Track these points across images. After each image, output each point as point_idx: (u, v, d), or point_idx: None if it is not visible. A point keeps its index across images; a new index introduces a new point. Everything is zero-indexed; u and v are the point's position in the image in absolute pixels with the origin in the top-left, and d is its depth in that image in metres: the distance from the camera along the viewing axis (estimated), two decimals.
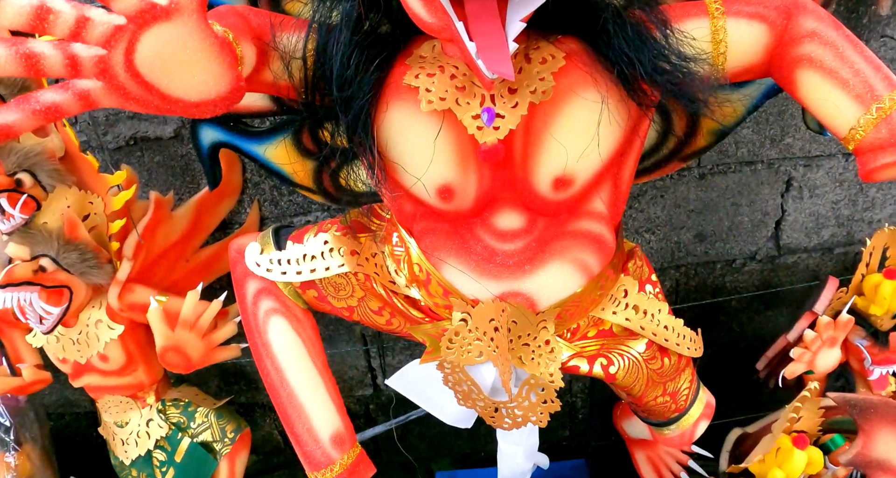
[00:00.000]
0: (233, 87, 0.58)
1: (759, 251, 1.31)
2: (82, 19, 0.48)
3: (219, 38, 0.55)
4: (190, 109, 0.56)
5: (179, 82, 0.54)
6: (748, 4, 0.70)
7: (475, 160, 0.68)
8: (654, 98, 0.68)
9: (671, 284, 1.32)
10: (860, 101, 0.67)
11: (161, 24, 0.51)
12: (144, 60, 0.51)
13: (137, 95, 0.53)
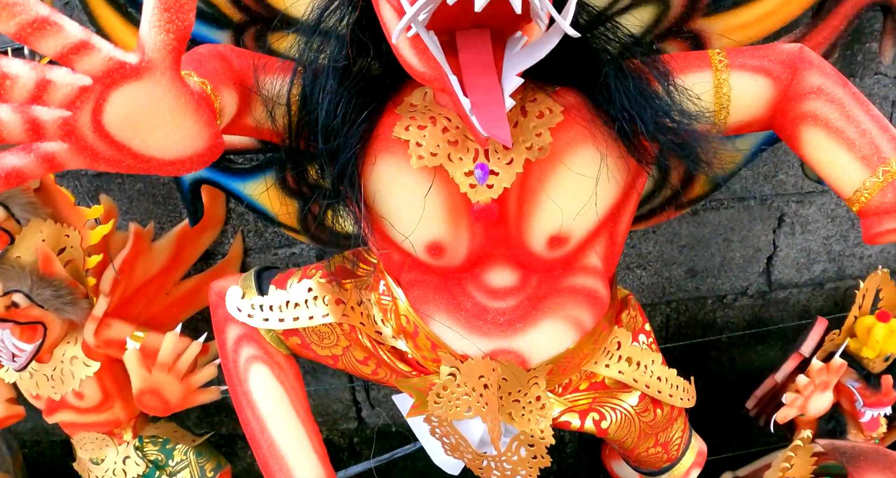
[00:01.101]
0: (210, 144, 0.53)
1: (750, 287, 1.28)
2: (43, 82, 0.43)
3: (195, 94, 0.51)
4: (164, 168, 0.52)
5: (153, 141, 0.49)
6: (752, 57, 0.67)
7: (467, 218, 0.64)
8: (653, 154, 0.64)
9: (661, 320, 1.29)
10: (866, 162, 0.64)
11: (131, 83, 0.46)
12: (114, 120, 0.47)
13: (107, 156, 0.48)
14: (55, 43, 0.41)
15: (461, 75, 0.55)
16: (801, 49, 0.68)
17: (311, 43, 0.65)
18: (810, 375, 1.02)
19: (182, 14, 0.45)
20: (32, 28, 0.40)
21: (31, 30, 0.40)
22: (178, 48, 0.46)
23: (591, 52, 0.62)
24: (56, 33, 0.41)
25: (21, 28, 0.40)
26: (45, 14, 0.41)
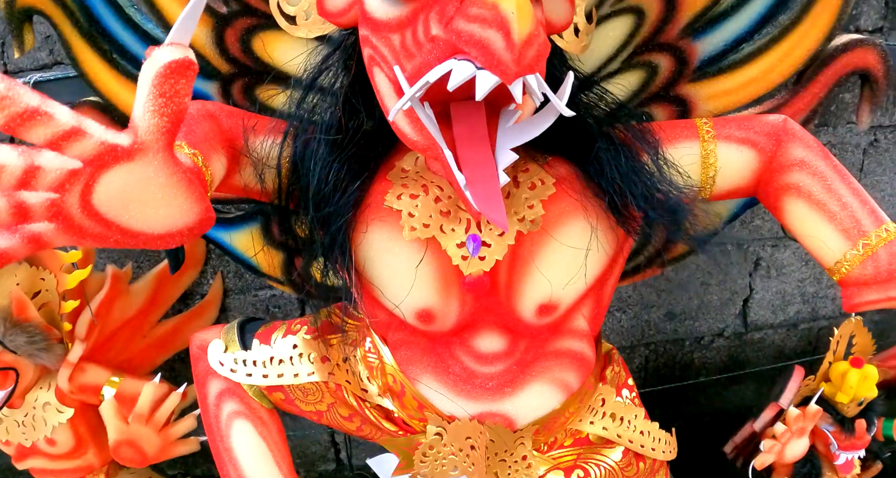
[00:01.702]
0: (201, 218, 0.52)
1: (727, 328, 1.30)
2: (31, 169, 0.41)
3: (187, 170, 0.50)
4: (153, 242, 0.50)
5: (142, 218, 0.48)
6: (739, 129, 0.68)
7: (458, 287, 0.64)
8: (639, 222, 0.65)
9: (640, 362, 1.30)
10: (847, 235, 0.66)
11: (123, 164, 0.45)
12: (103, 200, 0.45)
13: (95, 233, 0.47)
14: (45, 132, 0.40)
15: (455, 148, 0.56)
16: (784, 121, 0.69)
17: (302, 105, 0.65)
18: (787, 423, 1.04)
19: (178, 98, 0.44)
20: (22, 119, 0.39)
21: (21, 121, 0.39)
22: (173, 130, 0.45)
23: (583, 124, 0.63)
24: (47, 123, 0.40)
25: (10, 120, 0.38)
26: (36, 104, 0.39)
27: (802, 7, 0.75)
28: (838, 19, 0.76)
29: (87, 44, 0.78)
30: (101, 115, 0.82)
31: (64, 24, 0.77)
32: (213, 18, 0.73)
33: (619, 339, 1.25)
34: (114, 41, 0.77)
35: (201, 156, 0.56)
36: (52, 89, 0.86)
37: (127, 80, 0.79)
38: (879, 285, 0.65)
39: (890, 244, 0.65)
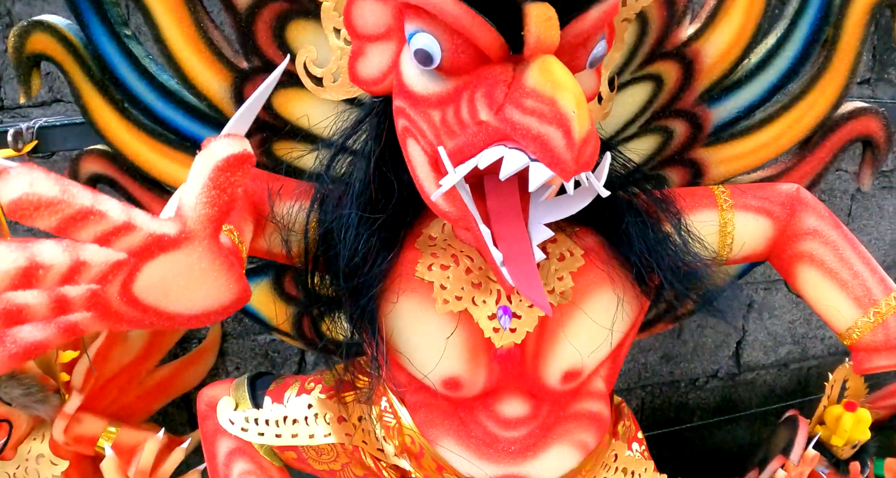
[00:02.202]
0: (238, 297, 0.52)
1: (720, 369, 1.33)
2: (76, 265, 0.40)
3: (228, 254, 0.49)
4: (189, 322, 0.50)
5: (181, 301, 0.48)
6: (755, 198, 0.71)
7: (486, 356, 0.65)
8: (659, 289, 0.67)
9: (637, 404, 1.32)
10: (858, 303, 0.68)
11: (168, 253, 0.45)
12: (144, 288, 0.45)
13: (132, 317, 0.46)
14: (95, 230, 0.40)
15: (489, 221, 0.57)
16: (798, 190, 0.72)
17: (330, 171, 0.65)
18: (788, 470, 1.06)
19: (232, 190, 0.44)
20: (75, 221, 0.38)
21: (74, 222, 0.38)
22: (222, 219, 0.45)
23: (612, 196, 0.64)
24: (98, 221, 0.39)
25: (63, 223, 0.38)
26: (90, 204, 0.38)
27: (811, 78, 0.78)
28: (844, 90, 0.79)
29: (98, 92, 0.76)
30: (110, 163, 0.81)
31: (75, 72, 0.76)
32: (233, 73, 0.73)
33: (616, 382, 1.27)
34: (126, 91, 0.76)
35: (237, 232, 0.55)
36: (57, 135, 0.85)
37: (138, 130, 0.78)
38: (890, 352, 0.68)
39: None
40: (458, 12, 0.47)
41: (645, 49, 0.74)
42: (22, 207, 0.33)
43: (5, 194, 0.33)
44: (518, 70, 0.49)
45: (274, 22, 0.69)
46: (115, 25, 0.73)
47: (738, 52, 0.76)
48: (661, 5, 0.72)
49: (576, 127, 0.43)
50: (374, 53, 0.58)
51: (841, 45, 0.77)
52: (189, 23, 0.71)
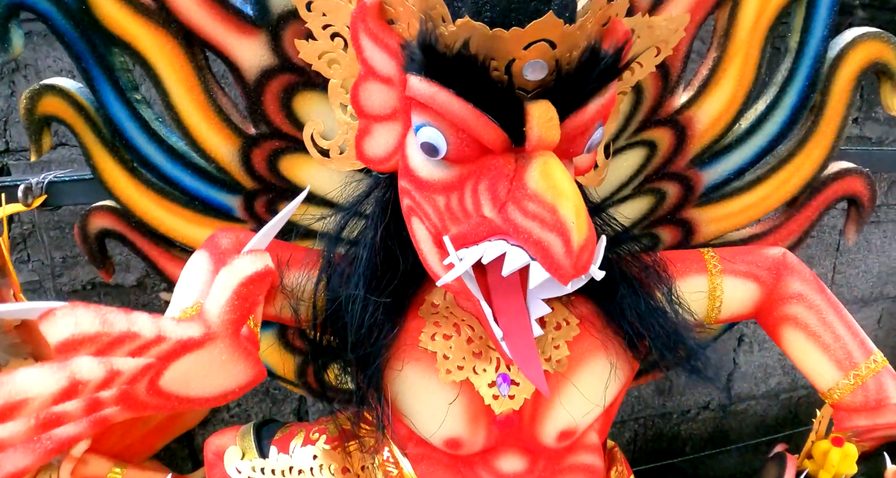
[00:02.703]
0: (255, 378, 0.56)
1: (712, 401, 1.38)
2: (111, 377, 0.44)
3: (245, 344, 0.53)
4: (208, 404, 0.54)
5: (202, 388, 0.52)
6: (743, 263, 0.75)
7: (486, 419, 0.68)
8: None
9: (630, 436, 1.36)
10: (839, 366, 0.72)
11: (192, 353, 0.49)
12: (168, 381, 0.49)
13: (155, 405, 0.51)
14: (131, 347, 0.43)
15: (489, 296, 0.60)
16: (784, 255, 0.76)
17: (337, 244, 0.69)
18: None
19: (254, 299, 0.48)
20: (113, 346, 0.42)
21: (112, 347, 0.42)
22: (243, 322, 0.49)
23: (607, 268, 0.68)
24: (133, 341, 0.43)
25: (104, 349, 0.42)
26: (126, 328, 0.42)
27: (799, 141, 0.82)
28: (831, 152, 0.83)
29: (108, 153, 0.79)
30: (118, 219, 0.84)
31: (85, 134, 0.79)
32: (241, 138, 0.76)
33: None
34: (136, 152, 0.79)
35: (253, 318, 0.59)
36: (65, 189, 0.88)
37: (147, 189, 0.81)
38: (868, 413, 0.72)
39: (877, 375, 0.72)
40: (463, 111, 0.51)
41: (640, 117, 0.77)
42: (70, 346, 0.37)
43: (53, 336, 0.37)
44: (520, 163, 0.52)
45: (282, 93, 0.72)
46: (125, 91, 0.76)
47: (730, 118, 0.79)
48: (656, 76, 0.76)
49: (575, 236, 0.47)
50: (381, 133, 0.61)
51: (828, 110, 0.81)
52: (198, 89, 0.74)
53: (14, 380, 0.38)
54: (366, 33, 0.57)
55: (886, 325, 1.45)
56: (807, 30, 0.78)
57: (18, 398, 0.38)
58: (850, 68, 0.80)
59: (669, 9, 0.72)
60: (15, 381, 0.38)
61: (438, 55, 0.50)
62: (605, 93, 0.54)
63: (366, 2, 0.57)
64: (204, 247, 0.67)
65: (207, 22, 0.69)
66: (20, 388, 0.38)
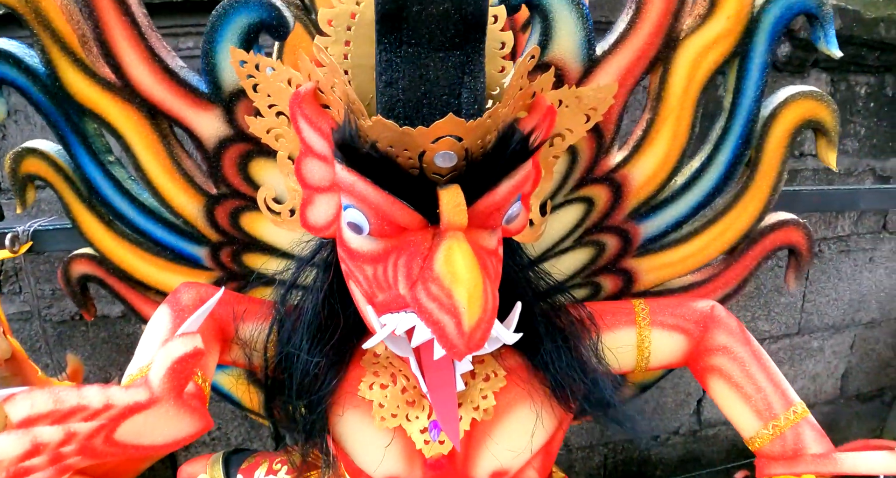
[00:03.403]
0: (201, 428, 0.63)
1: (682, 426, 1.43)
2: (69, 437, 0.51)
3: (190, 401, 0.60)
4: (159, 451, 0.61)
5: (153, 438, 0.58)
6: (671, 316, 0.80)
7: (421, 461, 0.75)
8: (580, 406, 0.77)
9: (600, 460, 1.42)
10: (760, 416, 0.78)
11: (141, 413, 0.56)
12: (122, 435, 0.56)
13: (112, 454, 0.58)
14: (83, 415, 0.51)
15: (419, 353, 0.67)
16: (713, 308, 0.82)
17: (286, 298, 0.76)
18: None
19: (188, 372, 0.55)
20: (66, 417, 0.50)
21: (65, 418, 0.50)
22: (182, 387, 0.56)
23: (534, 323, 0.74)
24: (84, 410, 0.51)
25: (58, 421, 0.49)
26: (75, 403, 0.50)
27: (735, 195, 0.88)
28: (767, 204, 0.88)
29: (85, 208, 0.87)
30: (97, 266, 0.92)
31: (65, 191, 0.87)
32: (205, 197, 0.84)
33: (579, 439, 1.37)
34: (111, 208, 0.86)
35: (201, 371, 0.66)
36: (49, 237, 0.96)
37: (122, 239, 0.89)
38: (786, 462, 0.77)
39: (795, 426, 0.77)
40: (378, 199, 0.57)
41: (576, 175, 0.83)
42: (28, 422, 0.45)
43: (15, 414, 0.45)
44: (435, 241, 0.59)
45: (238, 159, 0.80)
46: (98, 153, 0.83)
47: (665, 175, 0.85)
48: (591, 138, 0.81)
49: (465, 320, 0.53)
50: (321, 203, 0.68)
51: (762, 166, 0.86)
52: (164, 154, 0.81)
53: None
54: (302, 117, 0.64)
55: (859, 351, 1.49)
56: (739, 90, 0.83)
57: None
58: (783, 126, 0.85)
59: (599, 77, 0.78)
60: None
61: (355, 149, 0.57)
62: (516, 174, 0.60)
63: (300, 90, 0.64)
64: (167, 302, 0.75)
65: (167, 97, 0.76)
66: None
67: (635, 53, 0.77)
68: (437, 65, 0.56)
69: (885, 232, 1.46)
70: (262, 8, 0.70)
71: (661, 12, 0.76)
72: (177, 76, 0.76)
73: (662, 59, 0.79)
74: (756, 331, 1.38)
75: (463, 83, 0.57)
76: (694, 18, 0.78)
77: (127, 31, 0.74)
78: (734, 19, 0.78)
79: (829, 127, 0.86)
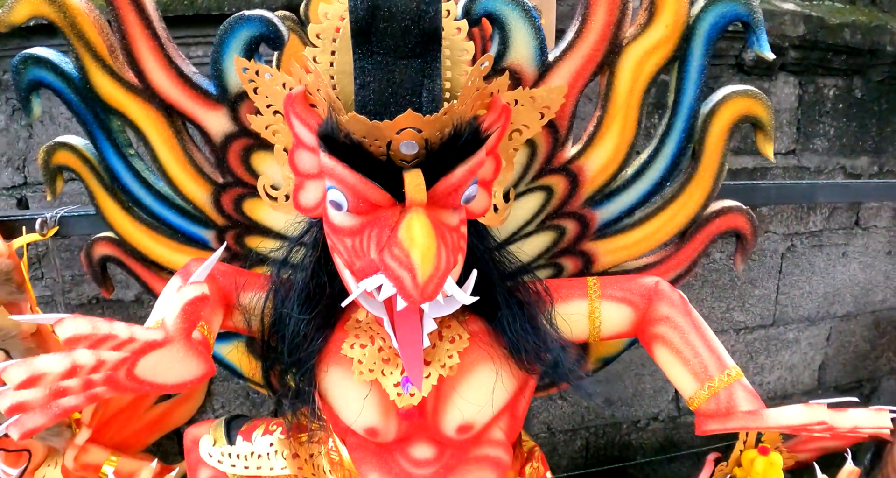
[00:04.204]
0: (205, 372, 0.79)
1: (661, 413, 1.57)
2: (99, 364, 0.68)
3: (198, 345, 0.77)
4: (171, 389, 0.78)
5: (165, 377, 0.75)
6: (620, 290, 0.96)
7: (395, 412, 0.91)
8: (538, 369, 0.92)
9: (582, 443, 1.56)
10: (697, 378, 0.93)
11: (156, 350, 0.72)
12: (141, 370, 0.72)
13: (133, 388, 0.74)
14: (112, 344, 0.68)
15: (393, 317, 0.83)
16: (657, 283, 0.97)
17: (281, 271, 0.93)
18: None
19: (197, 313, 0.72)
20: (100, 342, 0.66)
21: (99, 343, 0.66)
22: (191, 329, 0.73)
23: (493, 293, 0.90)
24: (113, 340, 0.67)
25: (93, 345, 0.66)
26: (107, 332, 0.67)
27: (681, 184, 1.03)
28: (711, 192, 1.04)
29: (108, 195, 1.05)
30: (117, 248, 1.09)
31: (90, 180, 1.05)
32: (212, 185, 1.01)
33: (561, 423, 1.52)
34: (131, 195, 1.04)
35: (207, 325, 0.83)
36: (74, 223, 1.14)
37: (140, 224, 1.06)
38: (720, 418, 0.92)
39: (729, 387, 0.92)
40: (354, 180, 0.73)
41: (535, 167, 1.00)
42: (72, 341, 0.62)
43: (62, 335, 0.62)
44: (401, 216, 0.75)
45: (242, 152, 0.97)
46: (121, 147, 1.01)
47: (616, 166, 1.01)
48: (547, 133, 0.98)
49: (419, 274, 0.69)
50: (310, 188, 0.85)
51: (705, 157, 1.02)
52: (177, 148, 0.99)
53: (36, 361, 0.63)
54: (294, 115, 0.81)
55: (836, 342, 1.62)
56: (680, 90, 0.99)
57: (38, 373, 0.62)
58: (722, 122, 1.00)
59: (552, 80, 0.94)
60: (36, 362, 0.63)
61: (335, 140, 0.73)
62: (470, 160, 0.76)
63: (292, 92, 0.81)
64: (178, 273, 0.92)
65: (182, 98, 0.94)
66: (39, 366, 0.62)
67: (583, 59, 0.94)
68: (401, 70, 0.72)
69: (857, 228, 1.60)
70: (261, 24, 0.88)
71: (604, 23, 0.93)
72: (190, 80, 0.93)
73: (608, 63, 0.95)
74: (731, 321, 1.52)
75: (423, 85, 0.74)
76: (635, 27, 0.94)
77: (149, 42, 0.91)
78: (672, 27, 0.94)
79: (764, 122, 1.01)
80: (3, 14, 0.92)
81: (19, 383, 0.63)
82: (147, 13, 0.90)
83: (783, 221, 1.46)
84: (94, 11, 0.92)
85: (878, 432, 0.91)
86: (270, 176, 0.94)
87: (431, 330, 0.82)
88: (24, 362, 0.64)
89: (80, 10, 0.91)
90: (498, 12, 0.90)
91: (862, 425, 0.90)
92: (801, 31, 1.39)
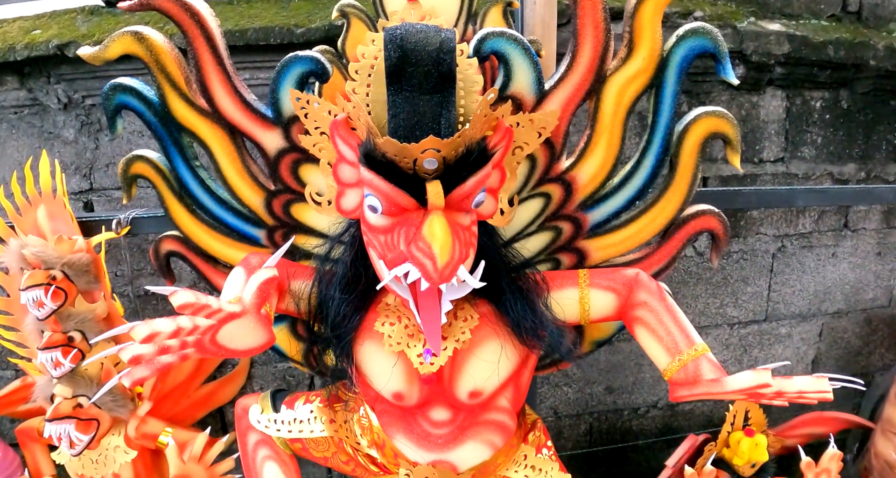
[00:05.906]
0: (268, 341, 1.10)
1: (660, 401, 1.85)
2: (194, 328, 0.99)
3: (264, 319, 1.08)
4: (242, 354, 1.08)
5: (238, 343, 1.05)
6: (606, 279, 1.25)
7: (418, 380, 1.21)
8: (538, 345, 1.22)
9: (586, 428, 1.85)
10: (669, 352, 1.21)
11: (235, 320, 1.03)
12: (221, 337, 1.02)
13: (213, 351, 1.05)
14: (206, 312, 0.98)
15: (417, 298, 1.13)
16: (637, 274, 1.26)
17: (325, 263, 1.24)
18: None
19: (270, 290, 1.03)
20: (198, 310, 0.97)
21: (198, 311, 0.97)
22: (262, 304, 1.04)
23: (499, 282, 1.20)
24: (207, 308, 0.98)
25: (194, 312, 0.97)
26: (205, 303, 0.98)
27: (661, 191, 1.32)
28: (687, 197, 1.32)
29: (176, 200, 1.36)
30: (181, 245, 1.41)
31: (161, 186, 1.36)
32: (265, 192, 1.32)
33: (567, 408, 1.80)
34: (195, 199, 1.35)
35: (269, 305, 1.14)
36: (144, 223, 1.45)
37: (202, 224, 1.37)
38: (687, 386, 1.20)
39: (696, 360, 1.20)
40: (388, 189, 1.03)
41: (535, 177, 1.29)
42: (183, 307, 0.93)
43: (174, 303, 0.93)
44: (424, 217, 1.05)
45: (292, 164, 1.28)
46: (189, 159, 1.32)
47: (604, 176, 1.30)
48: (545, 149, 1.27)
49: (438, 261, 0.98)
50: (350, 195, 1.15)
51: (680, 168, 1.31)
52: (238, 161, 1.30)
53: (153, 323, 0.93)
54: (338, 136, 1.12)
55: (827, 338, 1.88)
56: (657, 112, 1.28)
57: (155, 331, 0.93)
58: (694, 138, 1.29)
59: (548, 105, 1.24)
60: (154, 323, 0.93)
61: (373, 157, 1.04)
62: (479, 173, 1.06)
63: (337, 118, 1.12)
64: (240, 264, 1.23)
65: (244, 120, 1.25)
66: (157, 326, 0.93)
67: (574, 88, 1.24)
68: (425, 103, 1.02)
69: (846, 229, 1.86)
70: (311, 62, 1.19)
71: (591, 58, 1.22)
72: (251, 106, 1.24)
73: (595, 91, 1.24)
74: (725, 316, 1.79)
75: (441, 115, 1.04)
76: (617, 60, 1.24)
77: (219, 75, 1.23)
78: (648, 59, 1.23)
79: (731, 137, 1.29)
80: (99, 51, 1.24)
81: (143, 338, 0.94)
82: (219, 51, 1.22)
83: (773, 223, 1.73)
84: (175, 49, 1.24)
85: (821, 397, 1.19)
86: (315, 185, 1.25)
87: (448, 309, 1.12)
88: (146, 322, 0.94)
89: (164, 48, 1.22)
90: (502, 50, 1.20)
91: (805, 389, 1.17)
92: (786, 49, 1.66)
